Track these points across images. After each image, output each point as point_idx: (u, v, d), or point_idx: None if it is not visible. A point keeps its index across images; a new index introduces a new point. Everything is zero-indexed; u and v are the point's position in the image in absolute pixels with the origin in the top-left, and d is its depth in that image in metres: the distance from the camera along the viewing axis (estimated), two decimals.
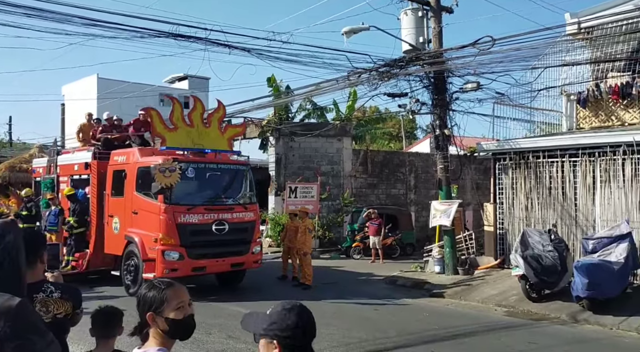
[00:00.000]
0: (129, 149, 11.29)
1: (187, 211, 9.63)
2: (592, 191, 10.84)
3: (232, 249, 10.08)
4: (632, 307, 8.70)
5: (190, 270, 9.61)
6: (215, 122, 10.79)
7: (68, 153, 12.97)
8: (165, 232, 9.45)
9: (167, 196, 9.45)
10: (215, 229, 9.82)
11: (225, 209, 10.20)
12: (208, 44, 10.73)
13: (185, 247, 9.51)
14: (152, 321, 2.00)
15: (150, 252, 9.56)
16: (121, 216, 10.45)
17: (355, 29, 12.24)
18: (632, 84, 11.23)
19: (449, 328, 7.93)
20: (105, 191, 10.94)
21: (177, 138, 10.13)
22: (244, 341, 6.83)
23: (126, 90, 33.00)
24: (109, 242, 10.84)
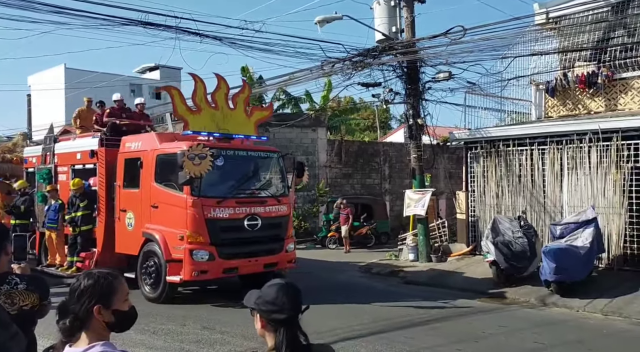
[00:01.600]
0: (145, 134, 10.14)
1: (217, 205, 8.43)
2: (560, 177, 11.13)
3: (265, 247, 8.95)
4: (597, 290, 9.00)
5: (221, 272, 8.49)
6: (241, 103, 9.52)
7: (67, 140, 11.42)
8: (193, 229, 8.26)
9: (193, 187, 8.26)
10: (247, 225, 8.65)
11: (257, 202, 9.00)
12: (179, 32, 10.54)
13: (216, 246, 8.35)
14: (98, 314, 1.90)
15: (175, 252, 8.37)
16: (136, 211, 9.18)
17: (328, 18, 12.20)
18: (597, 73, 11.51)
19: (421, 314, 8.07)
20: (116, 182, 9.62)
21: (200, 121, 8.87)
22: (219, 331, 6.83)
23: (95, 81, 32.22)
24: (121, 240, 9.55)
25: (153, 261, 8.77)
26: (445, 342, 6.56)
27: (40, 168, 11.54)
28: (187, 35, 10.75)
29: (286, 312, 1.92)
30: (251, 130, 9.61)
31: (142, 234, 8.96)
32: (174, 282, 8.38)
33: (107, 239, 9.72)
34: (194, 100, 8.92)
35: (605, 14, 11.80)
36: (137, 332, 6.97)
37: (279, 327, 1.92)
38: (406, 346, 6.37)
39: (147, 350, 6.31)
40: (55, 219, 10.44)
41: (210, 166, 8.06)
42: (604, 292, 8.87)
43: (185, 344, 6.49)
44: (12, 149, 14.84)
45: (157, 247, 8.66)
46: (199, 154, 7.98)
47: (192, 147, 8.02)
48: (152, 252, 8.79)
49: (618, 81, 11.54)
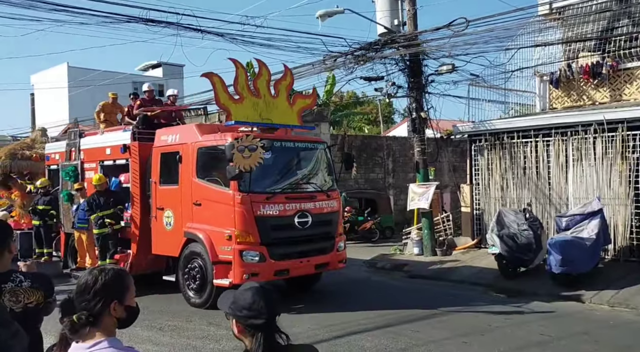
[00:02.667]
0: (182, 126, 9.55)
1: (266, 201, 7.81)
2: (565, 169, 11.07)
3: (316, 246, 8.31)
4: (603, 281, 8.97)
5: (272, 274, 7.80)
6: (284, 91, 8.86)
7: (94, 134, 10.79)
8: (243, 228, 7.65)
9: (241, 183, 7.65)
10: (298, 223, 8.02)
11: (306, 197, 8.34)
12: (180, 29, 10.49)
13: (266, 246, 7.76)
14: (114, 310, 1.90)
15: (222, 253, 7.78)
16: (176, 209, 8.56)
17: (329, 12, 12.15)
18: (602, 64, 11.42)
19: (427, 307, 8.05)
20: (152, 179, 8.97)
21: (243, 110, 8.21)
22: (225, 327, 6.82)
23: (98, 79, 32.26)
24: (158, 241, 8.88)
25: (197, 263, 8.16)
26: (451, 335, 6.55)
27: (65, 165, 10.85)
28: (189, 31, 10.72)
29: (263, 317, 1.88)
30: (294, 119, 8.94)
31: (184, 233, 8.34)
32: (222, 286, 7.61)
33: (143, 240, 9.06)
34: (235, 88, 8.23)
35: (609, 4, 11.69)
36: (143, 328, 7.00)
37: (256, 332, 1.88)
38: (412, 340, 6.37)
39: (154, 346, 6.33)
40: (85, 218, 9.76)
41: (261, 159, 7.45)
42: (610, 283, 8.84)
43: (191, 340, 6.51)
44: (30, 146, 13.91)
45: (201, 248, 8.06)
46: (249, 145, 7.33)
47: (241, 138, 7.41)
48: (196, 254, 8.18)
49: (623, 71, 11.45)
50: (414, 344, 6.23)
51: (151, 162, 9.01)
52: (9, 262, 2.64)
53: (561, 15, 12.32)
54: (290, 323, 6.70)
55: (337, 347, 6.16)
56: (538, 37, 12.32)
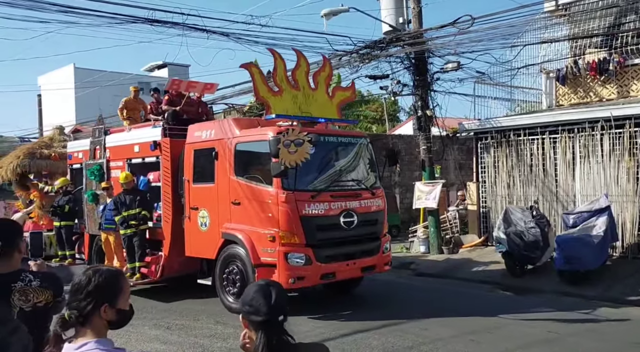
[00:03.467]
0: (218, 120, 9.24)
1: (312, 200, 7.34)
2: (572, 166, 11.02)
3: (362, 247, 7.84)
4: (611, 278, 8.93)
5: (318, 278, 7.38)
6: (323, 83, 8.44)
7: (120, 131, 10.30)
8: (287, 228, 7.18)
9: (284, 180, 7.20)
10: (343, 222, 7.55)
11: (351, 195, 7.86)
12: (186, 29, 10.54)
13: (312, 248, 7.28)
14: (104, 313, 1.87)
15: (265, 255, 7.32)
16: (212, 208, 8.10)
17: (334, 11, 12.16)
18: (609, 60, 11.35)
19: (434, 305, 8.05)
20: (184, 177, 8.51)
21: (282, 103, 7.80)
22: (232, 325, 6.86)
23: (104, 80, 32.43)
24: (193, 242, 8.42)
25: (236, 266, 7.69)
26: (458, 333, 6.55)
27: (89, 164, 10.37)
28: (194, 31, 10.77)
29: (262, 315, 1.86)
30: (334, 113, 8.53)
31: (221, 235, 7.87)
32: None
33: (175, 241, 8.58)
34: (274, 80, 7.85)
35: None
36: (151, 327, 7.05)
37: (258, 329, 1.87)
38: (419, 338, 6.37)
39: (162, 345, 6.37)
40: (112, 219, 9.26)
41: (308, 154, 7.00)
42: (618, 281, 8.80)
43: (199, 339, 6.54)
44: (49, 144, 13.43)
45: (241, 249, 7.60)
46: (295, 140, 6.90)
47: (287, 132, 6.99)
48: (235, 256, 7.71)
49: (630, 67, 11.37)
50: (421, 342, 6.23)
51: (183, 160, 8.58)
52: (18, 262, 2.66)
53: (567, 12, 12.25)
54: (296, 321, 6.72)
55: (345, 345, 6.17)
56: (544, 34, 12.27)
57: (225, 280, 7.85)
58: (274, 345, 1.83)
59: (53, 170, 12.65)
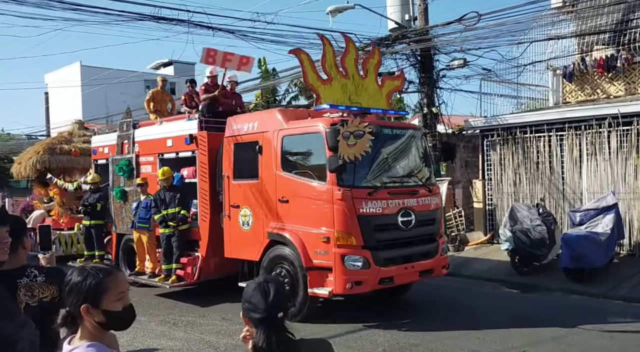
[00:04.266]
0: (261, 112, 8.80)
1: (369, 197, 6.72)
2: (579, 164, 10.96)
3: (420, 249, 7.21)
4: (618, 276, 8.89)
5: (377, 282, 6.73)
6: (372, 71, 7.79)
7: (151, 125, 9.67)
8: (344, 228, 6.58)
9: (341, 176, 6.63)
10: (401, 222, 6.93)
11: (408, 192, 7.22)
12: (191, 26, 10.60)
13: (370, 250, 6.67)
14: (87, 313, 1.79)
15: (317, 257, 6.72)
16: (255, 206, 7.53)
17: (340, 8, 12.14)
18: (616, 57, 11.28)
19: (440, 303, 8.04)
20: (223, 173, 7.96)
21: (332, 93, 7.20)
22: (237, 322, 6.88)
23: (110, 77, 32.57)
24: (233, 243, 7.87)
25: (284, 269, 7.12)
26: (464, 331, 6.54)
27: (117, 159, 9.82)
28: (200, 29, 10.81)
29: (260, 312, 1.86)
30: (383, 103, 7.86)
31: (267, 235, 7.31)
32: (320, 296, 6.76)
33: (213, 242, 8.09)
34: (323, 67, 7.24)
35: None
36: (157, 323, 7.10)
37: (258, 326, 1.87)
38: (426, 335, 6.37)
39: (169, 341, 6.41)
40: (147, 218, 8.74)
41: (369, 147, 6.51)
42: (625, 278, 8.76)
43: (205, 335, 6.58)
44: (68, 139, 12.94)
45: (290, 251, 7.03)
46: (355, 131, 6.41)
47: (345, 123, 6.52)
48: (283, 258, 7.15)
49: (638, 64, 11.29)
50: (427, 339, 6.23)
51: (222, 154, 8.02)
52: (23, 258, 2.67)
53: (574, 8, 12.17)
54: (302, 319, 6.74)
55: (350, 342, 6.18)
56: (551, 31, 12.21)
57: None
58: (273, 342, 1.83)
59: (73, 166, 12.33)
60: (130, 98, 36.72)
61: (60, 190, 11.90)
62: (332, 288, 6.57)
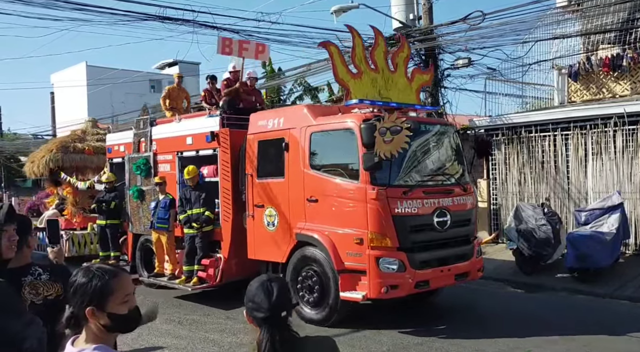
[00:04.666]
0: (287, 108, 8.57)
1: (404, 196, 6.43)
2: (584, 163, 10.92)
3: (456, 251, 6.90)
4: (623, 276, 8.85)
5: (413, 286, 6.43)
6: (402, 65, 7.49)
7: (169, 122, 9.39)
8: (378, 230, 6.30)
9: (374, 174, 6.35)
10: (437, 223, 6.65)
11: (443, 191, 6.95)
12: (196, 26, 10.65)
13: (406, 252, 6.38)
14: (92, 316, 1.74)
15: (349, 259, 6.44)
16: (281, 206, 7.24)
17: (344, 8, 12.14)
18: (622, 56, 11.23)
19: (445, 302, 8.03)
20: (247, 171, 7.68)
21: (362, 87, 6.93)
22: (242, 320, 6.85)
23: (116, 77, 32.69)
24: (257, 244, 7.58)
25: (313, 271, 6.85)
26: (469, 331, 6.53)
27: (134, 158, 9.54)
28: (205, 28, 10.86)
29: (263, 312, 1.85)
30: (413, 98, 7.58)
31: (294, 236, 7.02)
32: (353, 300, 6.45)
33: (235, 243, 7.81)
34: (353, 60, 6.98)
35: None
36: (162, 322, 7.12)
37: (261, 325, 1.86)
38: (430, 334, 6.36)
39: (173, 339, 6.44)
40: (166, 218, 8.45)
41: (406, 144, 6.20)
42: (631, 278, 8.72)
43: (209, 334, 6.61)
44: (82, 138, 12.67)
45: (319, 253, 6.73)
46: (392, 127, 6.08)
47: (382, 118, 6.20)
48: (311, 260, 6.86)
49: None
50: (432, 339, 6.22)
51: (245, 152, 7.74)
52: (28, 257, 2.70)
53: (580, 7, 12.13)
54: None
55: (354, 341, 6.18)
56: (556, 30, 12.17)
57: (299, 287, 6.98)
58: (277, 341, 1.83)
59: (87, 165, 12.13)
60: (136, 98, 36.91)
61: (74, 189, 11.74)
62: (366, 292, 6.30)
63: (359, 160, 6.36)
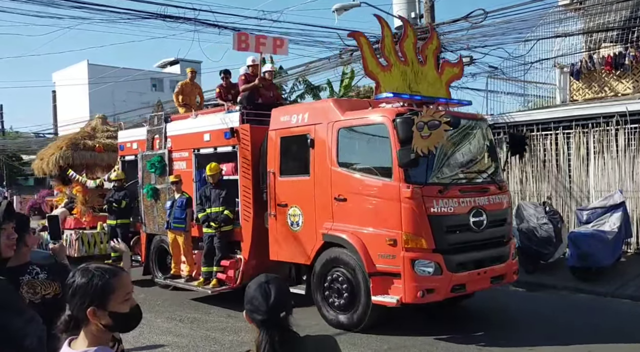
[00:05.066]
0: (313, 102, 8.18)
1: (440, 195, 6.13)
2: (586, 162, 10.90)
3: (492, 253, 6.57)
4: (625, 275, 8.84)
5: (449, 290, 6.15)
6: (431, 57, 7.24)
7: (184, 118, 9.07)
8: (413, 230, 5.99)
9: (409, 172, 6.03)
10: (473, 223, 6.33)
11: (479, 190, 6.65)
12: (197, 24, 10.65)
13: (442, 254, 6.08)
14: (93, 316, 1.71)
15: (381, 262, 6.13)
16: (306, 205, 6.91)
17: (345, 6, 12.13)
18: (624, 54, 11.21)
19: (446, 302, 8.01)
20: (269, 169, 7.34)
21: (391, 81, 6.64)
22: (243, 319, 6.85)
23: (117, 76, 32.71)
24: (280, 244, 7.26)
25: (341, 273, 6.54)
26: (471, 330, 6.52)
27: (148, 155, 9.26)
28: (206, 27, 10.86)
29: (261, 314, 1.84)
30: (443, 92, 7.27)
31: (321, 236, 6.70)
32: (387, 304, 6.11)
33: (256, 243, 7.50)
34: (382, 52, 6.68)
35: None
36: (163, 320, 7.14)
37: (260, 327, 1.86)
38: (431, 334, 6.35)
39: (174, 337, 6.45)
40: (182, 217, 8.21)
41: (444, 139, 5.92)
42: (632, 277, 8.70)
43: (210, 332, 6.62)
44: (92, 135, 12.34)
45: (348, 254, 6.43)
46: (430, 121, 5.71)
47: (420, 112, 5.90)
48: (339, 262, 6.55)
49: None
50: (432, 338, 6.21)
51: (266, 149, 7.43)
52: (26, 255, 2.69)
53: (582, 5, 12.10)
54: (306, 316, 6.76)
55: (355, 339, 6.19)
56: (558, 28, 12.14)
57: (327, 290, 6.69)
58: (276, 342, 1.82)
59: (97, 162, 11.83)
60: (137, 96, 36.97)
61: (83, 187, 11.49)
62: (401, 296, 5.98)
63: (392, 156, 6.05)
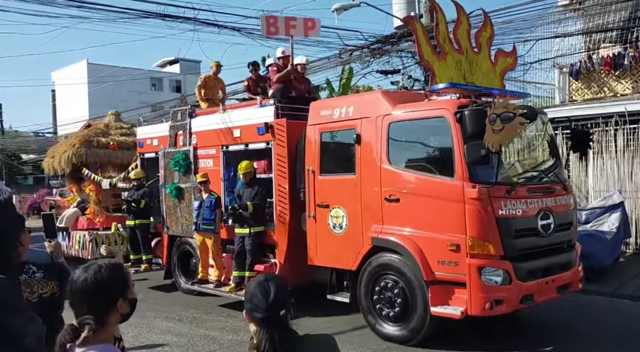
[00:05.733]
0: (360, 95, 7.68)
1: (508, 196, 5.52)
2: (585, 162, 10.92)
3: (559, 259, 6.00)
4: (624, 275, 8.86)
5: (518, 301, 5.53)
6: (485, 46, 6.68)
7: (211, 113, 8.43)
8: (479, 235, 5.40)
9: (474, 171, 5.46)
10: (541, 226, 5.73)
11: (546, 190, 6.03)
12: (197, 24, 10.64)
13: (512, 261, 5.46)
14: (120, 307, 1.80)
15: (442, 269, 5.57)
16: (351, 206, 6.38)
17: (345, 6, 12.14)
18: (624, 55, 11.21)
19: None
20: (307, 167, 6.83)
21: (446, 70, 6.15)
22: (242, 318, 6.86)
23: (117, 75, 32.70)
24: (320, 248, 6.74)
25: (392, 281, 6.01)
26: (473, 330, 6.52)
27: (171, 152, 8.75)
28: (206, 26, 10.85)
29: (261, 312, 1.86)
30: (497, 83, 6.72)
31: (369, 240, 6.17)
32: (448, 316, 5.54)
33: (292, 246, 7.03)
34: (437, 39, 6.16)
35: None
36: (163, 319, 7.14)
37: (260, 325, 1.88)
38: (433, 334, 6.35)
39: (174, 337, 6.46)
40: (212, 219, 7.71)
41: (519, 133, 5.33)
42: (631, 277, 8.72)
43: (210, 331, 6.62)
44: (105, 132, 11.91)
45: (401, 260, 5.89)
46: (502, 114, 5.13)
47: (492, 103, 5.49)
48: (391, 268, 6.01)
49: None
50: (438, 339, 6.21)
51: (304, 145, 6.93)
52: (23, 255, 2.70)
53: (581, 5, 12.11)
54: (306, 314, 6.76)
55: (353, 338, 6.20)
56: (557, 28, 12.15)
57: (377, 299, 6.15)
58: (276, 340, 1.84)
59: (111, 160, 11.49)
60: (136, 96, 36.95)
61: (97, 187, 11.14)
62: (465, 307, 5.39)
63: (453, 153, 5.52)
